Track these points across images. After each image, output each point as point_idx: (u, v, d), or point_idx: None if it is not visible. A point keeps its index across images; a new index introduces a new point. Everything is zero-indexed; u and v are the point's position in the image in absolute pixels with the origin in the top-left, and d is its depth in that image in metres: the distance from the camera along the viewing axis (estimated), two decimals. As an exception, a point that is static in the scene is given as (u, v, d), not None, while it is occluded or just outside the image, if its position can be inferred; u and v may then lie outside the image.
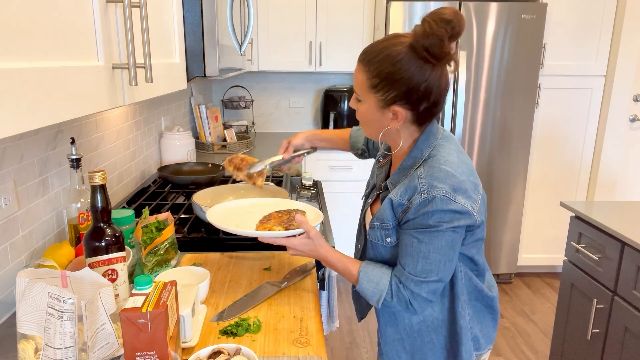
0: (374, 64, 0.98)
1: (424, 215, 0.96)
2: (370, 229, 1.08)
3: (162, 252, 1.18)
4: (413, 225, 0.99)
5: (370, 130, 1.08)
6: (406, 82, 0.96)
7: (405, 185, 1.00)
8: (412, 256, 1.00)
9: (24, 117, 0.57)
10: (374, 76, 0.98)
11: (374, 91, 0.99)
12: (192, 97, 3.01)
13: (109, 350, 0.85)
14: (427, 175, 0.98)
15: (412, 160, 1.04)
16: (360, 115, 1.06)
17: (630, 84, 3.03)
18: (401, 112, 0.99)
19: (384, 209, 1.04)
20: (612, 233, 1.66)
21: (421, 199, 0.96)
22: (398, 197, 1.01)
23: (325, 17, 3.21)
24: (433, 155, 1.01)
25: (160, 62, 1.07)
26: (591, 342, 1.80)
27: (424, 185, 0.97)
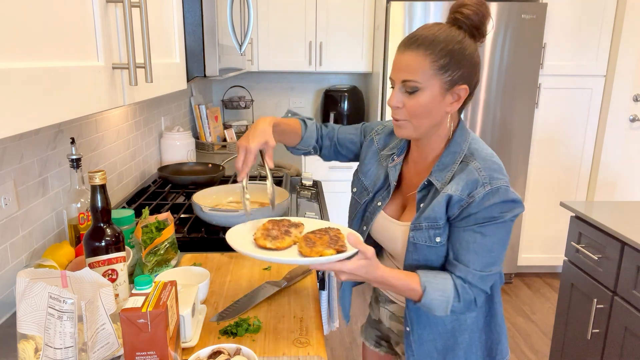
0: (438, 44, 0.95)
1: (488, 208, 0.95)
2: (415, 231, 1.02)
3: (162, 252, 1.18)
4: (475, 220, 0.97)
5: (424, 123, 1.00)
6: (469, 58, 0.97)
7: (463, 180, 0.97)
8: (476, 252, 0.97)
9: (24, 117, 0.57)
10: (442, 56, 0.95)
11: (441, 72, 0.95)
12: (192, 97, 3.01)
13: (109, 350, 0.85)
14: (485, 168, 0.97)
15: (452, 156, 1.02)
16: (417, 107, 0.98)
17: (630, 84, 3.03)
18: (465, 90, 0.98)
19: (436, 207, 0.99)
20: (612, 233, 1.66)
21: (485, 192, 0.95)
22: (458, 192, 0.97)
23: (325, 17, 3.21)
24: (475, 149, 1.01)
25: (160, 62, 1.07)
26: (591, 342, 1.80)
27: (485, 178, 0.96)
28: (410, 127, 1.01)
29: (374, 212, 1.15)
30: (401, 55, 0.98)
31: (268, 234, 0.99)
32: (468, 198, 0.96)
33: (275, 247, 0.96)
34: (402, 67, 0.98)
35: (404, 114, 1.00)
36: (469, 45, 0.97)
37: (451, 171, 1.01)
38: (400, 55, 0.99)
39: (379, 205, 1.14)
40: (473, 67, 0.98)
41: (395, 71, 1.00)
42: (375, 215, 1.15)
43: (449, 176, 1.00)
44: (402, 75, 0.97)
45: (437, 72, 0.95)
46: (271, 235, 0.99)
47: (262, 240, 0.98)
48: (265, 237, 0.98)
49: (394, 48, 2.93)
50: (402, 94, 0.99)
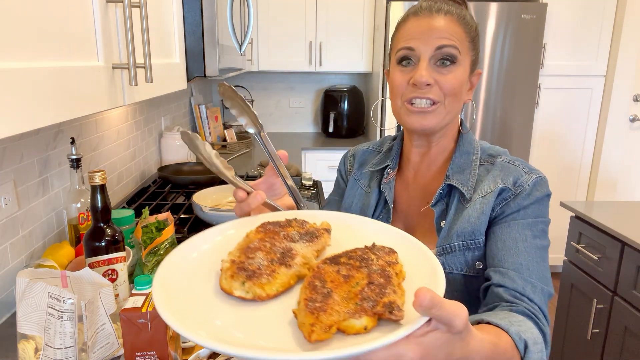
0: (465, 15, 0.81)
1: (539, 200, 0.78)
2: (445, 255, 0.79)
3: (162, 252, 1.18)
4: (525, 215, 0.78)
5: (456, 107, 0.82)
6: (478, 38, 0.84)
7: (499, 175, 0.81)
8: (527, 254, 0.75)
9: (24, 117, 0.57)
10: (470, 30, 0.80)
11: (472, 47, 0.81)
12: (192, 97, 3.01)
13: (109, 350, 0.85)
14: (516, 160, 0.83)
15: (466, 157, 0.85)
16: (455, 82, 0.79)
17: (630, 84, 3.03)
18: (478, 76, 0.86)
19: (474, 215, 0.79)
20: (612, 233, 1.66)
21: (534, 179, 0.79)
22: (500, 183, 0.79)
23: (325, 17, 3.21)
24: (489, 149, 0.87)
25: (160, 62, 1.07)
26: (591, 342, 1.80)
27: (525, 168, 0.81)
28: (440, 113, 0.80)
29: None
30: (428, 19, 0.78)
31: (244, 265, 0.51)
32: (514, 188, 0.79)
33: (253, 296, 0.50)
34: (435, 32, 0.77)
35: (437, 93, 0.79)
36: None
37: (473, 174, 0.83)
38: (427, 19, 0.78)
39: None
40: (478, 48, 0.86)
41: (423, 37, 0.78)
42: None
43: (474, 179, 0.82)
44: (436, 41, 0.77)
45: (470, 45, 0.81)
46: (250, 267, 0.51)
47: (229, 280, 0.51)
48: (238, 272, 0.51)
49: (394, 48, 2.94)
50: (432, 67, 0.78)
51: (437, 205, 0.84)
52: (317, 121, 3.76)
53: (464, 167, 0.84)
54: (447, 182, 0.83)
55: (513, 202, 0.79)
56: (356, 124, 3.44)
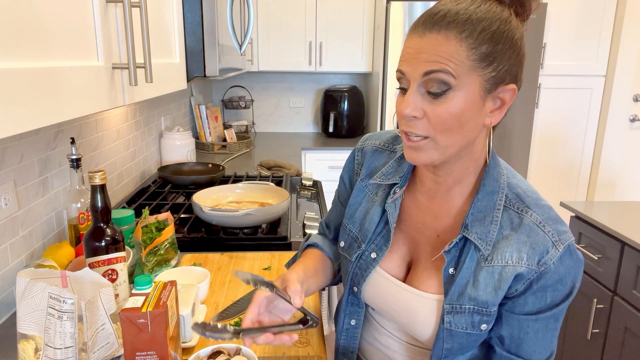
0: (477, 23, 0.65)
1: (566, 276, 0.70)
2: (454, 314, 0.74)
3: (162, 252, 1.18)
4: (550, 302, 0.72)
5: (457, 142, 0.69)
6: (519, 47, 0.69)
7: (525, 242, 0.70)
8: (544, 340, 0.73)
9: (24, 117, 0.57)
10: (484, 41, 0.65)
11: (484, 65, 0.65)
12: (192, 97, 3.01)
13: (109, 350, 0.85)
14: (547, 220, 0.71)
15: (489, 199, 0.73)
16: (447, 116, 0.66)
17: (630, 84, 3.03)
18: (512, 92, 0.69)
19: (491, 285, 0.72)
20: (612, 233, 1.66)
21: (560, 254, 0.69)
22: (525, 263, 0.70)
23: (325, 17, 3.21)
24: (517, 187, 0.74)
25: (160, 62, 1.07)
26: (591, 342, 1.80)
27: (554, 235, 0.70)
28: (434, 149, 0.69)
29: (367, 267, 0.83)
30: (420, 39, 0.67)
31: None
32: (538, 267, 0.70)
33: None
34: (423, 55, 0.66)
35: (424, 128, 0.68)
36: (517, 28, 0.69)
37: (495, 223, 0.72)
38: (419, 39, 0.67)
39: (372, 257, 0.82)
40: (522, 59, 0.70)
41: (411, 61, 0.67)
42: (368, 271, 0.83)
43: (494, 231, 0.72)
44: (424, 66, 0.65)
45: (477, 65, 0.65)
46: None
47: None
48: None
49: (394, 48, 2.94)
50: (422, 96, 0.67)
51: (450, 251, 0.75)
52: (317, 121, 3.76)
53: (486, 213, 0.73)
54: (464, 234, 0.73)
55: (535, 284, 0.70)
56: (356, 124, 3.44)
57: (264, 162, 2.44)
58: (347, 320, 0.91)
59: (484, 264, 0.72)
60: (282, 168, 2.35)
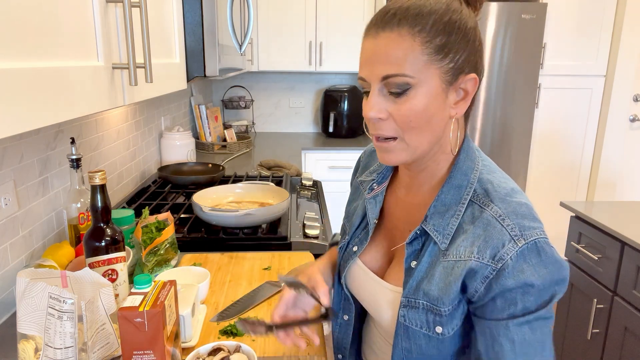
0: (428, 16, 0.65)
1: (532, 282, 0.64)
2: (408, 308, 0.72)
3: (162, 252, 1.18)
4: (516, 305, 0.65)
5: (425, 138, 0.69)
6: (473, 35, 0.68)
7: (479, 235, 0.67)
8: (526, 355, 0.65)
9: (24, 117, 0.57)
10: (438, 33, 0.65)
11: (440, 57, 0.65)
12: (192, 97, 3.01)
13: (108, 350, 0.85)
14: (510, 214, 0.66)
15: (455, 193, 0.71)
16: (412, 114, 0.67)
17: (630, 84, 3.03)
18: (474, 81, 0.69)
19: (442, 280, 0.69)
20: (612, 233, 1.66)
21: (519, 250, 0.64)
22: (474, 256, 0.66)
23: (325, 17, 3.21)
24: (489, 182, 0.71)
25: (160, 62, 1.07)
26: (591, 342, 1.80)
27: (514, 229, 0.65)
28: (404, 149, 0.70)
29: (348, 259, 0.86)
30: (374, 41, 0.67)
31: None
32: (494, 263, 0.65)
33: None
34: (379, 57, 0.66)
35: (391, 128, 0.68)
36: (469, 17, 0.69)
37: (456, 217, 0.70)
38: (373, 41, 0.67)
39: (354, 250, 0.85)
40: (479, 48, 0.69)
41: (368, 65, 0.68)
42: (348, 263, 0.85)
43: (454, 224, 0.70)
44: (380, 70, 0.66)
45: (432, 58, 0.65)
46: None
47: None
48: None
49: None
50: (385, 97, 0.68)
51: (412, 244, 0.74)
52: (317, 121, 3.76)
53: (449, 207, 0.71)
54: (422, 226, 0.72)
55: (496, 283, 0.65)
56: (356, 124, 3.44)
57: (264, 162, 2.44)
58: (341, 315, 0.92)
59: (442, 258, 0.70)
60: (282, 168, 2.35)
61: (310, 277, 0.84)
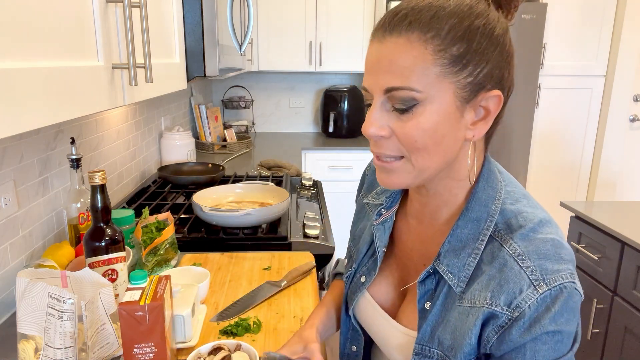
0: (444, 20, 0.55)
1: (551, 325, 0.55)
2: (420, 356, 0.64)
3: (162, 252, 1.19)
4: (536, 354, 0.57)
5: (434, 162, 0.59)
6: (500, 44, 0.57)
7: (495, 277, 0.58)
8: None
9: (24, 117, 0.57)
10: (454, 40, 0.55)
11: (456, 70, 0.55)
12: (192, 97, 3.01)
13: (109, 350, 0.85)
14: (531, 254, 0.57)
15: (473, 227, 0.62)
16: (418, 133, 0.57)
17: (630, 84, 3.03)
18: (497, 99, 0.58)
19: (461, 326, 0.60)
20: (612, 233, 1.66)
21: (539, 297, 0.55)
22: (487, 302, 0.57)
23: (325, 17, 3.21)
24: (512, 214, 0.61)
25: (160, 62, 1.07)
26: (591, 342, 1.80)
27: (535, 272, 0.56)
28: (409, 171, 0.60)
29: (356, 290, 0.78)
30: (380, 46, 0.57)
31: None
32: (510, 312, 0.56)
33: None
34: (383, 66, 0.57)
35: (396, 147, 0.59)
36: (497, 22, 0.57)
37: (474, 256, 0.61)
38: (379, 46, 0.58)
39: (362, 281, 0.77)
40: (507, 59, 0.58)
41: (372, 74, 0.58)
42: (357, 295, 0.77)
43: (471, 265, 0.61)
44: (384, 81, 0.57)
45: (447, 70, 0.55)
46: None
47: None
48: None
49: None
50: (388, 112, 0.59)
51: (424, 283, 0.65)
52: (317, 121, 3.76)
53: (465, 244, 0.62)
54: (435, 266, 0.64)
55: (509, 334, 0.56)
56: (356, 124, 3.44)
57: (264, 162, 2.44)
58: (349, 345, 0.85)
59: (458, 302, 0.61)
60: (282, 168, 2.35)
61: (307, 346, 0.76)
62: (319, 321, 0.84)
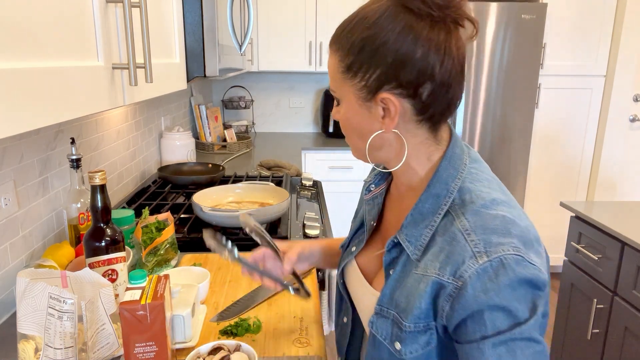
0: (344, 36, 0.67)
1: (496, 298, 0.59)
2: (378, 316, 0.70)
3: (162, 252, 1.19)
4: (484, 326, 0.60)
5: (358, 143, 0.72)
6: (393, 48, 0.63)
7: (444, 249, 0.63)
8: None
9: (24, 117, 0.57)
10: (347, 52, 0.66)
11: (350, 75, 0.67)
12: (192, 97, 3.01)
13: (109, 350, 0.85)
14: (477, 228, 0.62)
15: (433, 202, 0.68)
16: (343, 121, 0.73)
17: (630, 84, 3.03)
18: (393, 101, 0.65)
19: (413, 291, 0.65)
20: (612, 233, 1.66)
21: (479, 268, 0.59)
22: (436, 272, 0.63)
23: (325, 17, 3.21)
24: (468, 192, 0.66)
25: (160, 62, 1.07)
26: (591, 342, 1.80)
27: (478, 245, 0.60)
28: (351, 147, 0.76)
29: (346, 258, 0.86)
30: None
31: None
32: (455, 281, 0.61)
33: None
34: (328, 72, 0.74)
35: (342, 129, 0.76)
36: (393, 27, 0.63)
37: (430, 228, 0.67)
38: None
39: (352, 251, 0.85)
40: (406, 59, 0.63)
41: None
42: (346, 261, 0.86)
43: (427, 235, 0.67)
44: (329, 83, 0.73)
45: (345, 76, 0.68)
46: None
47: None
48: None
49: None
50: (335, 108, 0.75)
51: (391, 252, 0.72)
52: (317, 121, 3.76)
53: (425, 217, 0.68)
54: (397, 236, 0.70)
55: (458, 302, 0.60)
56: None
57: (264, 162, 2.44)
58: (341, 317, 0.92)
59: (414, 269, 0.66)
60: (282, 168, 2.35)
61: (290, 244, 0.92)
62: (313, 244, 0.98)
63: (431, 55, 0.63)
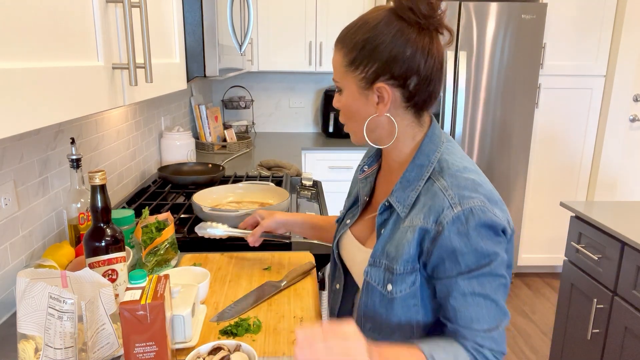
0: (348, 37, 0.84)
1: (470, 240, 0.76)
2: (372, 267, 0.86)
3: (162, 252, 1.19)
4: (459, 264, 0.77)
5: (356, 126, 0.89)
6: (388, 48, 0.80)
7: (427, 204, 0.80)
8: (479, 306, 0.77)
9: (24, 117, 0.57)
10: (350, 50, 0.83)
11: (353, 68, 0.84)
12: (192, 97, 3.01)
13: (109, 350, 0.85)
14: (453, 186, 0.78)
15: (417, 171, 0.84)
16: (343, 108, 0.89)
17: (630, 84, 3.03)
18: (387, 90, 0.82)
19: (401, 242, 0.81)
20: (612, 233, 1.66)
21: (454, 215, 0.76)
22: (421, 220, 0.79)
23: (325, 17, 3.21)
24: (445, 161, 0.83)
25: (160, 62, 1.07)
26: (591, 342, 1.80)
27: (454, 198, 0.77)
28: (350, 132, 0.92)
29: (341, 229, 1.02)
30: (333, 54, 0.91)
31: None
32: (436, 226, 0.77)
33: None
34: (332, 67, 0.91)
35: (341, 116, 0.91)
36: (389, 31, 0.80)
37: (415, 190, 0.83)
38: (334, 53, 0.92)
39: (347, 223, 1.00)
40: (398, 57, 0.80)
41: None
42: (340, 233, 1.02)
43: (413, 197, 0.83)
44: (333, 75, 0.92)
45: (347, 69, 0.85)
46: None
47: None
48: None
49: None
50: (338, 94, 0.91)
51: (382, 215, 0.88)
52: (317, 121, 3.76)
53: (411, 182, 0.84)
54: (388, 199, 0.86)
55: (437, 243, 0.77)
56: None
57: (264, 162, 2.44)
58: (335, 283, 1.05)
59: (401, 224, 0.83)
60: (282, 168, 2.35)
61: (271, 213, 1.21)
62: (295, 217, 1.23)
63: (418, 54, 0.80)
